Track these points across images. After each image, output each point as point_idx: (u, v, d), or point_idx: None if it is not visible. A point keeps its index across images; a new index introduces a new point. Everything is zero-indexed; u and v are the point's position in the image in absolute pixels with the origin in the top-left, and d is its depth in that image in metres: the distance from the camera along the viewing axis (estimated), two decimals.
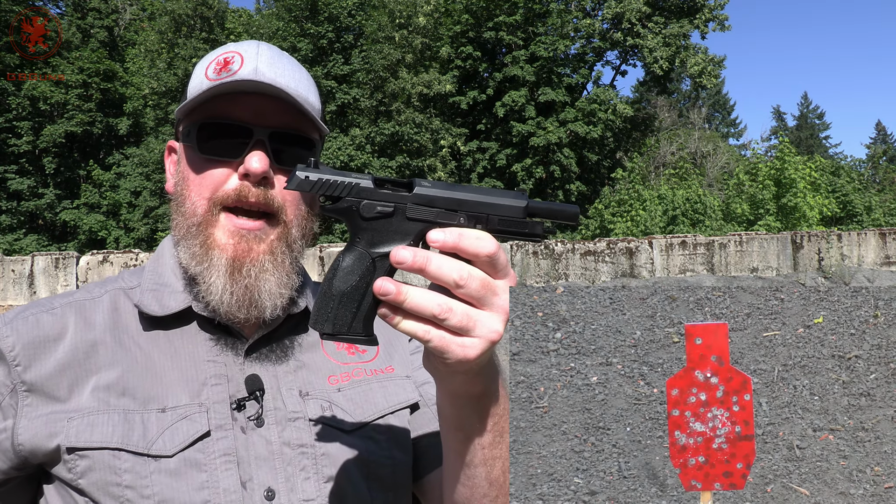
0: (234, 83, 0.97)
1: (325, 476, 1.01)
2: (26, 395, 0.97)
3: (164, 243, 1.13)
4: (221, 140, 0.99)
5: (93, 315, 1.03)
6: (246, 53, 1.03)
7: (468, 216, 0.78)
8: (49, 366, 0.98)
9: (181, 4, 24.17)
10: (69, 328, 1.01)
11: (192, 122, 1.01)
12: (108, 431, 0.94)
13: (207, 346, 1.03)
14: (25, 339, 0.99)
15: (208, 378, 1.01)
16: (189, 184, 1.02)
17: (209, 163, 1.00)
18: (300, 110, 1.01)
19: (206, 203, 0.99)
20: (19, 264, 14.33)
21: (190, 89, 1.04)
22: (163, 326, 1.03)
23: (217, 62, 1.03)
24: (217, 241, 0.99)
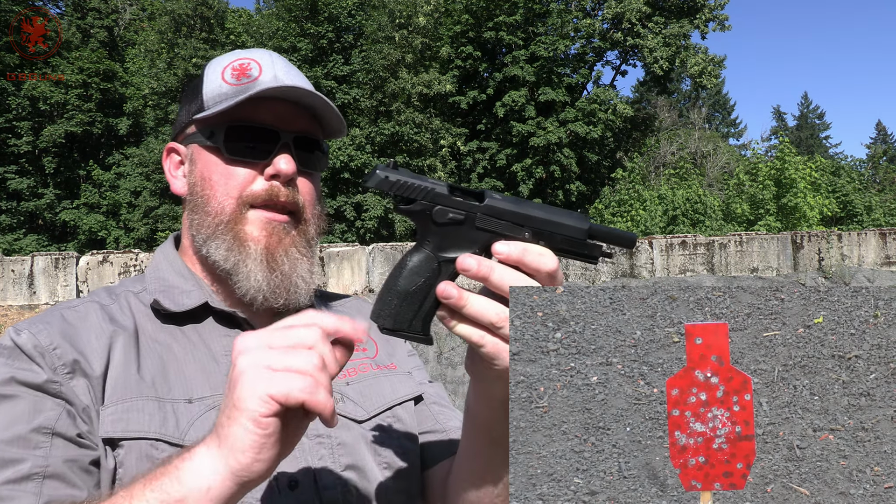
0: (277, 89, 1.03)
1: (342, 465, 1.04)
2: (69, 377, 0.97)
3: (163, 250, 1.17)
4: (248, 143, 1.05)
5: (111, 313, 1.05)
6: (261, 61, 1.10)
7: (533, 232, 0.81)
8: (83, 354, 0.98)
9: (181, 4, 24.16)
10: (94, 323, 1.02)
11: (216, 125, 1.05)
12: (144, 421, 0.96)
13: (223, 342, 1.06)
14: (57, 332, 0.99)
15: (227, 371, 1.00)
16: (212, 184, 1.06)
17: (235, 164, 1.05)
18: (319, 115, 1.10)
19: (234, 202, 1.05)
20: (19, 264, 14.32)
21: (207, 94, 1.07)
22: (178, 323, 1.06)
23: (233, 68, 1.08)
24: (249, 234, 1.05)
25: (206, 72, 1.12)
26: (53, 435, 0.91)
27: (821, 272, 13.61)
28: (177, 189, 1.13)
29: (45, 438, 0.90)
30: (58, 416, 0.92)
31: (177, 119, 1.16)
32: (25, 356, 0.95)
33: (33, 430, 0.90)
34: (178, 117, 1.16)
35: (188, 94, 1.13)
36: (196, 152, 1.09)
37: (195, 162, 1.09)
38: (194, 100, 1.10)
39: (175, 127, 1.16)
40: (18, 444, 0.89)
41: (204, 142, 1.07)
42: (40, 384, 0.93)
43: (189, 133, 1.10)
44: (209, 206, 1.06)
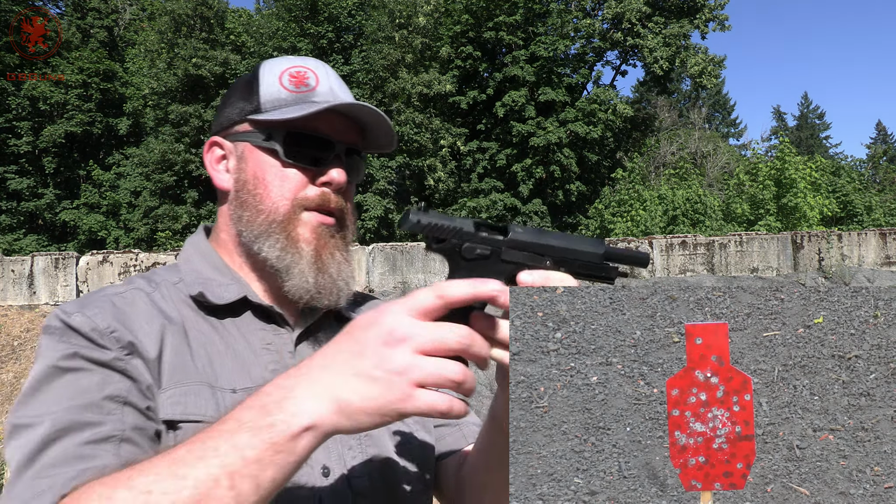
0: (344, 105, 1.11)
1: (368, 455, 1.09)
2: (129, 357, 1.00)
3: (195, 242, 1.21)
4: (306, 150, 1.12)
5: (155, 301, 1.08)
6: (317, 71, 1.17)
7: (554, 260, 0.89)
8: (137, 338, 1.01)
9: (181, 4, 24.16)
10: (143, 309, 1.05)
11: (274, 128, 1.11)
12: (202, 405, 1.00)
13: (260, 335, 1.11)
14: (110, 315, 1.01)
15: (267, 363, 1.08)
16: (266, 184, 1.11)
17: (291, 167, 1.11)
18: (369, 130, 1.18)
19: (288, 203, 1.11)
20: (19, 264, 14.33)
21: (265, 96, 1.13)
22: (217, 315, 1.10)
23: (290, 74, 1.15)
24: (301, 235, 1.11)
25: (261, 73, 1.16)
26: (125, 404, 0.94)
27: (821, 272, 13.61)
28: (221, 183, 1.17)
29: (117, 406, 0.94)
30: (128, 388, 0.96)
31: (221, 114, 1.19)
32: (83, 337, 0.97)
33: (106, 397, 0.93)
34: (222, 113, 1.19)
35: (240, 92, 1.17)
36: (248, 151, 1.13)
37: (246, 160, 1.13)
38: (248, 99, 1.14)
39: (219, 122, 1.19)
40: (93, 409, 0.92)
41: (259, 142, 1.12)
42: (107, 361, 0.96)
43: (240, 131, 1.14)
44: (262, 204, 1.11)
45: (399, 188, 23.95)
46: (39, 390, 0.94)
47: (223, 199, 1.18)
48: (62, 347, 0.96)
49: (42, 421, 0.90)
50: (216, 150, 1.17)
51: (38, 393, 0.94)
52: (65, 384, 0.94)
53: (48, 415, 0.91)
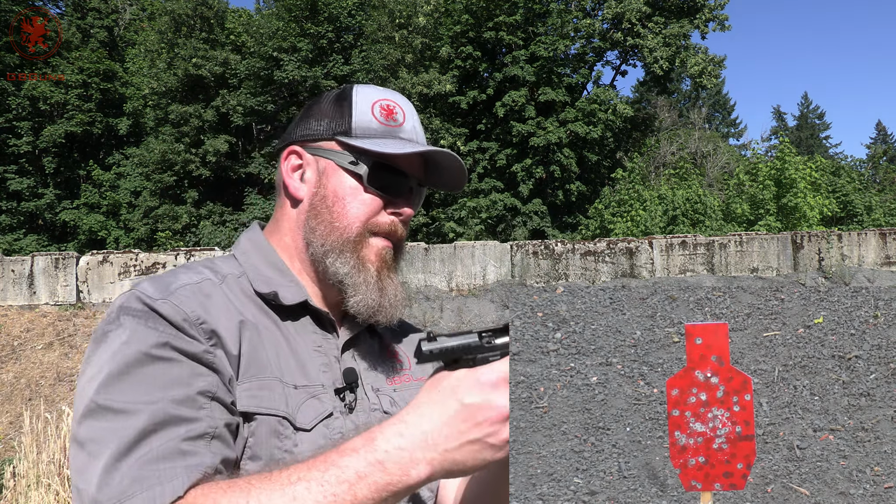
0: (437, 152, 1.21)
1: None
2: (214, 348, 1.04)
3: (253, 239, 1.26)
4: (386, 180, 1.21)
5: (226, 293, 1.13)
6: (404, 107, 1.26)
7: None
8: (218, 329, 1.05)
9: (181, 4, 24.15)
10: (220, 301, 1.10)
11: (362, 154, 1.19)
12: (275, 399, 1.07)
13: (313, 338, 1.18)
14: (197, 304, 1.06)
15: (319, 365, 1.16)
16: (345, 204, 1.20)
17: (370, 193, 1.20)
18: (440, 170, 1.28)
19: (361, 226, 1.20)
20: (19, 264, 14.32)
21: (357, 122, 1.21)
22: (279, 313, 1.17)
23: (381, 107, 1.23)
24: (367, 257, 1.20)
25: (355, 97, 1.23)
26: (213, 399, 0.99)
27: (821, 272, 13.61)
28: (296, 191, 1.23)
29: (207, 402, 0.98)
30: (216, 383, 1.00)
31: (303, 125, 1.25)
32: (173, 326, 1.01)
33: (199, 392, 0.98)
34: (306, 124, 1.25)
35: (329, 109, 1.24)
36: (330, 168, 1.21)
37: (327, 176, 1.21)
38: (339, 119, 1.22)
39: (301, 132, 1.25)
40: (188, 404, 0.96)
41: (345, 164, 1.20)
42: (196, 353, 1.00)
43: (325, 147, 1.22)
44: (338, 221, 1.19)
45: None
46: (129, 375, 0.96)
47: (293, 206, 1.24)
48: (152, 335, 0.99)
49: (138, 410, 0.93)
50: (293, 159, 1.24)
51: (128, 377, 0.96)
52: (157, 374, 0.96)
53: (144, 404, 0.94)
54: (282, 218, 1.26)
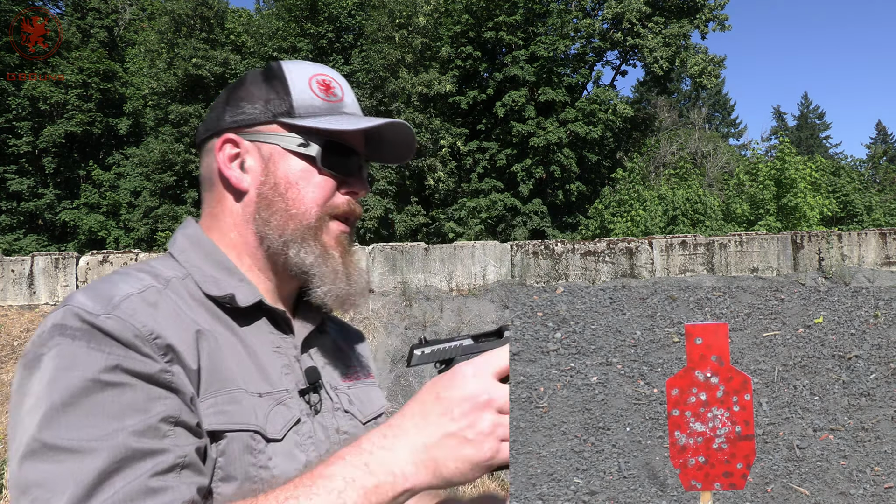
0: (398, 124, 1.16)
1: None
2: (170, 365, 0.95)
3: (193, 236, 1.16)
4: (339, 160, 1.15)
5: (175, 299, 1.03)
6: (339, 81, 1.20)
7: None
8: (173, 342, 0.95)
9: (181, 4, 24.15)
10: (170, 310, 1.00)
11: (311, 135, 1.13)
12: (244, 412, 0.99)
13: (270, 339, 1.12)
14: (147, 317, 0.95)
15: (279, 367, 1.09)
16: (299, 190, 1.13)
17: (324, 174, 1.14)
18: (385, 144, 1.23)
19: (319, 210, 1.14)
20: (19, 264, 14.33)
21: (298, 101, 1.14)
22: (233, 317, 1.08)
23: (318, 82, 1.17)
24: (329, 243, 1.15)
25: (289, 76, 1.16)
26: (177, 425, 0.90)
27: (821, 272, 13.61)
28: (239, 183, 1.14)
29: (170, 428, 0.89)
30: (178, 406, 0.91)
31: (234, 110, 1.15)
32: (122, 345, 0.89)
33: (161, 419, 0.88)
34: (237, 109, 1.15)
35: (262, 90, 1.15)
36: (276, 153, 1.14)
37: (274, 162, 1.13)
38: (277, 100, 1.14)
39: (232, 117, 1.15)
40: (150, 435, 0.87)
41: (293, 147, 1.13)
42: (152, 374, 0.90)
43: (266, 131, 1.14)
44: (294, 209, 1.12)
45: (399, 188, 23.93)
46: (77, 406, 0.85)
47: (237, 199, 1.15)
48: (98, 357, 0.88)
49: (94, 448, 0.83)
50: (229, 149, 1.14)
51: (76, 409, 0.85)
52: (109, 403, 0.86)
53: (100, 440, 0.84)
54: (222, 213, 1.16)
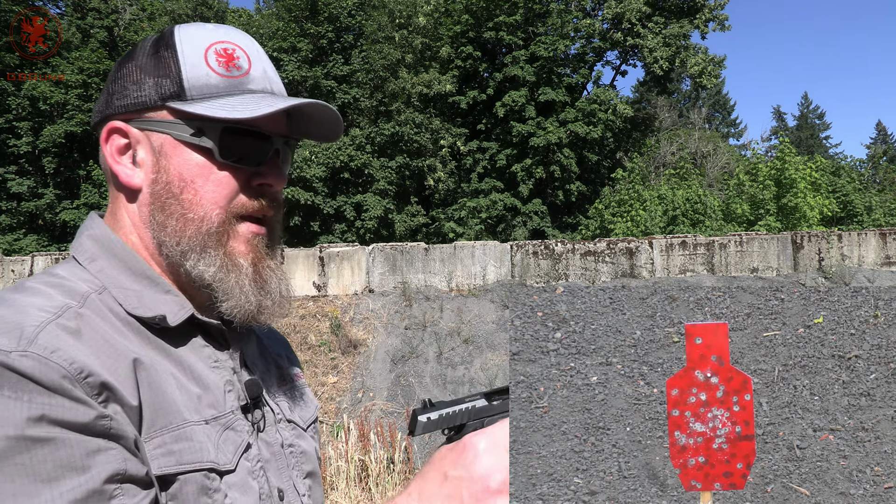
0: (306, 104, 0.96)
1: (304, 472, 1.08)
2: (104, 406, 0.81)
3: (102, 239, 0.97)
4: (243, 149, 0.95)
5: (97, 322, 0.87)
6: (247, 49, 0.99)
7: None
8: (106, 378, 0.81)
9: (181, 4, 24.17)
10: (95, 337, 0.84)
11: (206, 122, 0.94)
12: (195, 449, 0.86)
13: (205, 353, 0.97)
14: (73, 352, 0.79)
15: (220, 384, 0.96)
16: (196, 189, 0.94)
17: (226, 169, 0.95)
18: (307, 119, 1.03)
19: (222, 212, 0.95)
20: (19, 264, 14.32)
21: (190, 79, 0.94)
22: (163, 335, 0.93)
23: (217, 52, 0.96)
24: (237, 249, 0.97)
25: (179, 46, 0.95)
26: (123, 481, 0.77)
27: (821, 272, 13.61)
28: (129, 180, 0.96)
29: (117, 487, 0.76)
30: (122, 455, 0.78)
31: (121, 92, 0.96)
32: (45, 389, 0.74)
33: (105, 479, 0.75)
34: (123, 91, 0.96)
35: (150, 64, 0.95)
36: (169, 145, 0.94)
37: (167, 156, 0.94)
38: (164, 78, 0.94)
39: (119, 100, 0.96)
40: (95, 499, 0.73)
41: (186, 137, 0.94)
42: (87, 423, 0.76)
43: (155, 118, 0.94)
44: (191, 212, 0.94)
45: (399, 189, 23.93)
46: (0, 471, 0.70)
47: (131, 199, 0.98)
48: (17, 408, 0.72)
49: None
50: (117, 139, 0.96)
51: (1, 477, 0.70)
52: (39, 464, 0.71)
53: None
54: (119, 212, 0.99)
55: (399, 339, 11.42)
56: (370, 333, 11.53)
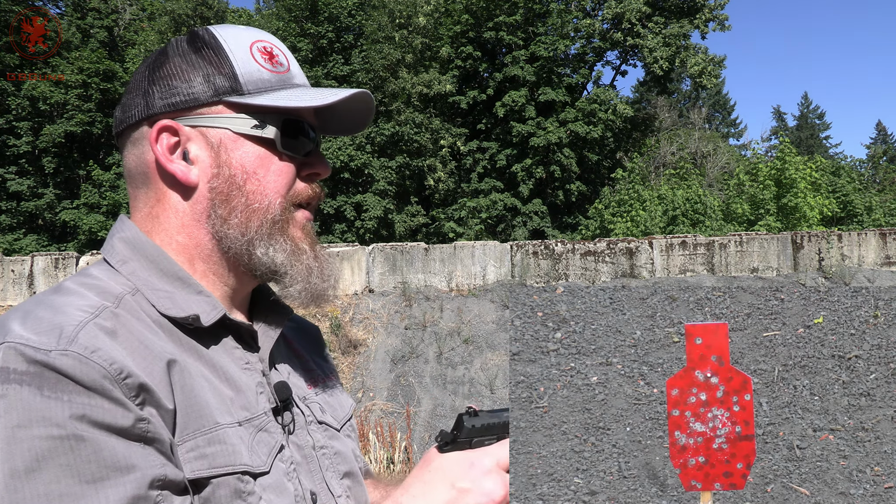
0: (362, 94, 1.02)
1: (340, 473, 1.07)
2: (141, 408, 0.81)
3: (134, 241, 0.98)
4: (298, 140, 1.01)
5: (133, 322, 0.87)
6: (281, 48, 1.04)
7: None
8: (143, 380, 0.80)
9: (181, 4, 24.17)
10: (132, 338, 0.84)
11: (267, 114, 0.98)
12: (228, 452, 0.85)
13: (236, 355, 0.98)
14: (112, 353, 0.79)
15: (252, 386, 0.96)
16: (258, 178, 0.98)
17: (284, 159, 1.00)
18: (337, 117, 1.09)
19: (282, 200, 1.00)
20: (19, 264, 14.33)
21: (245, 75, 0.97)
22: (196, 336, 0.94)
23: (259, 50, 1.00)
24: (298, 236, 1.02)
25: (226, 44, 0.98)
26: (164, 487, 0.77)
27: (821, 272, 13.61)
28: (186, 177, 0.96)
29: (158, 493, 0.76)
30: (161, 461, 0.77)
31: (163, 88, 0.96)
32: (85, 389, 0.74)
33: (149, 484, 0.74)
34: (169, 87, 0.96)
35: (198, 63, 0.97)
36: (228, 139, 0.97)
37: (226, 149, 0.97)
38: (219, 75, 0.96)
39: (164, 99, 0.96)
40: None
41: (246, 130, 0.97)
42: (127, 428, 0.75)
43: (211, 114, 0.96)
44: (256, 202, 0.97)
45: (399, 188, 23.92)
46: (42, 472, 0.69)
47: (185, 196, 0.98)
48: (58, 408, 0.71)
49: None
50: (167, 137, 0.96)
51: (41, 476, 0.69)
52: (84, 464, 0.70)
53: None
54: (164, 213, 0.98)
55: (399, 339, 11.43)
56: (370, 333, 11.54)
